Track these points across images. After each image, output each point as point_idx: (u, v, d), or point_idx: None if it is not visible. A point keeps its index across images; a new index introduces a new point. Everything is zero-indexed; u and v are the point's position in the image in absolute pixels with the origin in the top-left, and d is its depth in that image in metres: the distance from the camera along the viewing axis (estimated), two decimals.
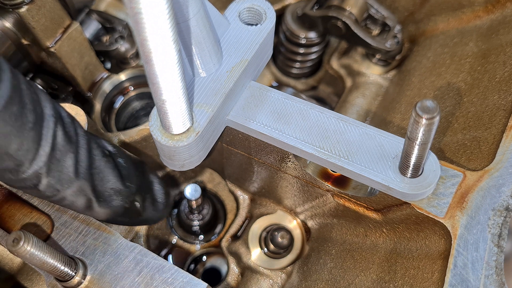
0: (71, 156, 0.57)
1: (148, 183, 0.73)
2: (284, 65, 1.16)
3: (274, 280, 0.90)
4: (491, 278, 0.58)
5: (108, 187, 0.64)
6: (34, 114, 0.53)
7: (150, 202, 0.72)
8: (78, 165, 0.59)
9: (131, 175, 0.68)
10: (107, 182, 0.63)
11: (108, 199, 0.64)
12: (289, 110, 0.70)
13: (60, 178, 0.57)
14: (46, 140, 0.54)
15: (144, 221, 0.74)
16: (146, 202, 0.71)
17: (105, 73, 1.06)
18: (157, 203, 0.74)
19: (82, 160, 0.59)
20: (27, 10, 0.85)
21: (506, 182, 0.64)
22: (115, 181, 0.64)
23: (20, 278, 0.73)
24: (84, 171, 0.59)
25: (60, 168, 0.57)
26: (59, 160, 0.56)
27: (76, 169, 0.58)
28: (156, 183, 0.75)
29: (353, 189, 0.77)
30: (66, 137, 0.57)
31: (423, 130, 0.54)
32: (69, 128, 0.58)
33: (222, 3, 1.02)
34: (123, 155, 0.69)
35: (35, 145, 0.54)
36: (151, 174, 0.74)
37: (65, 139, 0.57)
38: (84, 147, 0.59)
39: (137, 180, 0.69)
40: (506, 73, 0.78)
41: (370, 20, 1.04)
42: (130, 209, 0.68)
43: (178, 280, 0.63)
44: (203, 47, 0.65)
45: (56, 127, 0.56)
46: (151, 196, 0.73)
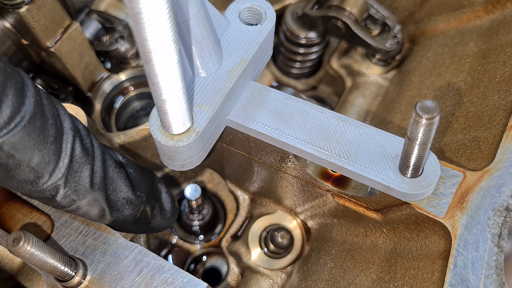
0: (88, 167, 0.59)
1: (156, 192, 0.75)
2: (284, 65, 1.16)
3: (274, 280, 0.90)
4: (491, 278, 0.58)
5: (121, 196, 0.65)
6: (55, 128, 0.55)
7: (158, 210, 0.74)
8: (94, 176, 0.60)
9: (141, 185, 0.70)
10: (119, 192, 0.65)
11: (120, 208, 0.66)
12: (289, 110, 0.70)
13: (77, 189, 0.59)
14: (65, 153, 0.56)
15: (152, 229, 0.75)
16: (155, 210, 0.73)
17: (105, 73, 1.06)
18: (165, 212, 0.76)
19: (97, 171, 0.61)
20: (27, 10, 0.85)
21: (506, 182, 0.64)
22: (126, 191, 0.66)
23: (20, 278, 0.73)
24: (99, 181, 0.61)
25: (77, 179, 0.58)
26: (76, 171, 0.58)
27: (91, 180, 0.60)
28: (164, 192, 0.76)
29: (353, 189, 0.77)
30: (83, 149, 0.59)
31: (423, 130, 0.54)
32: (86, 140, 0.60)
33: (222, 3, 1.02)
34: (133, 165, 0.71)
35: (55, 157, 0.55)
36: (159, 183, 0.76)
37: (83, 151, 0.59)
38: (99, 159, 0.61)
39: (147, 189, 0.71)
40: (506, 73, 0.78)
41: (370, 20, 1.04)
42: (140, 218, 0.70)
43: (178, 280, 0.63)
44: (203, 47, 0.65)
45: (74, 140, 0.57)
46: (159, 204, 0.74)
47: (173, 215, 0.78)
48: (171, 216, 0.78)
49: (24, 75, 0.54)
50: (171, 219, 0.78)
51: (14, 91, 0.51)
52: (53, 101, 0.57)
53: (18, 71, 0.53)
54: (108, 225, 0.67)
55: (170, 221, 0.79)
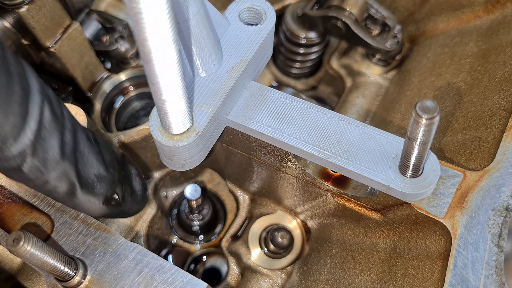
0: (57, 136, 0.54)
1: (128, 174, 0.71)
2: (284, 65, 1.16)
3: (274, 280, 0.90)
4: (491, 278, 0.58)
5: (92, 172, 0.61)
6: (21, 87, 0.50)
7: (129, 193, 0.70)
8: (64, 146, 0.55)
9: (113, 163, 0.66)
10: (91, 167, 0.60)
11: (91, 186, 0.62)
12: (289, 110, 0.70)
13: (45, 159, 0.54)
14: (32, 116, 0.51)
15: (122, 213, 0.71)
16: (125, 193, 0.69)
17: (105, 73, 1.06)
18: (136, 195, 0.72)
19: (68, 142, 0.56)
20: (27, 10, 0.85)
21: (506, 182, 0.64)
22: (98, 167, 0.62)
23: (20, 278, 0.74)
24: (69, 153, 0.56)
25: (45, 148, 0.53)
26: (45, 139, 0.53)
27: (61, 150, 0.55)
28: (135, 175, 0.73)
29: (353, 189, 0.77)
30: (53, 115, 0.54)
31: (423, 130, 0.54)
32: (56, 106, 0.55)
33: (222, 3, 1.02)
34: (105, 143, 0.67)
35: (21, 120, 0.50)
36: (130, 165, 0.72)
37: (52, 118, 0.53)
38: (69, 129, 0.56)
39: (119, 169, 0.67)
40: (506, 73, 0.78)
41: (370, 20, 1.04)
42: (110, 199, 0.66)
43: (178, 280, 0.63)
44: (203, 47, 0.65)
45: (43, 104, 0.52)
46: (130, 187, 0.70)
47: (144, 200, 0.75)
48: (142, 200, 0.74)
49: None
50: (141, 203, 0.74)
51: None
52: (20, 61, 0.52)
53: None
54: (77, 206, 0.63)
55: (141, 206, 0.75)
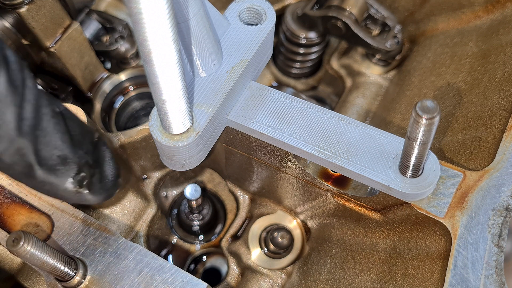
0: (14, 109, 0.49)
1: (99, 156, 0.64)
2: (284, 65, 1.16)
3: (274, 280, 0.90)
4: (491, 278, 0.58)
5: (55, 153, 0.55)
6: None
7: (98, 178, 0.63)
8: (22, 122, 0.50)
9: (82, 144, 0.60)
10: (53, 147, 0.55)
11: (52, 167, 0.56)
12: (289, 110, 0.70)
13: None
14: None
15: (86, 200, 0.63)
16: (94, 177, 0.62)
17: (105, 73, 1.06)
18: (105, 181, 0.65)
19: (27, 117, 0.51)
20: (27, 10, 0.85)
21: (506, 182, 0.64)
22: (63, 148, 0.56)
23: (20, 278, 0.74)
24: (27, 130, 0.51)
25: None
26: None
27: (18, 126, 0.50)
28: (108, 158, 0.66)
29: (353, 189, 0.77)
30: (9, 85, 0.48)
31: (423, 130, 0.54)
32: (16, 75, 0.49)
33: (222, 3, 1.02)
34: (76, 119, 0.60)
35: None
36: (104, 147, 0.65)
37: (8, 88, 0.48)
38: (31, 102, 0.51)
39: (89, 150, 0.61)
40: (506, 73, 0.78)
41: (370, 20, 1.04)
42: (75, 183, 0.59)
43: (178, 280, 0.63)
44: (203, 47, 0.65)
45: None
46: (100, 171, 0.64)
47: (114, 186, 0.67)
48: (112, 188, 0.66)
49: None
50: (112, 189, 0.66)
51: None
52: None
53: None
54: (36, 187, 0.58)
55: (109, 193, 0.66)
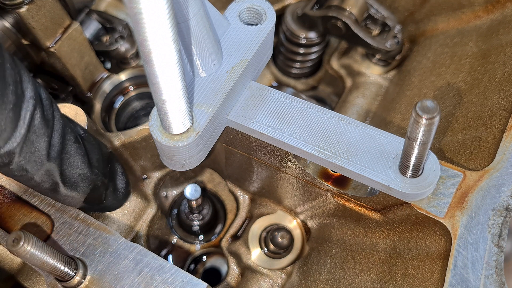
0: (46, 139, 0.57)
1: (112, 171, 0.74)
2: (284, 65, 1.16)
3: (274, 280, 0.90)
4: (491, 278, 0.58)
5: (76, 173, 0.64)
6: (15, 95, 0.52)
7: (111, 190, 0.73)
8: (51, 149, 0.58)
9: (99, 162, 0.68)
10: (75, 168, 0.63)
11: (74, 184, 0.64)
12: (289, 110, 0.70)
13: (31, 160, 0.57)
14: (23, 122, 0.54)
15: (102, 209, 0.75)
16: (108, 190, 0.72)
17: (105, 73, 1.06)
18: (118, 192, 0.75)
19: (55, 144, 0.59)
20: (27, 10, 0.85)
21: (506, 182, 0.64)
22: (83, 167, 0.64)
23: (20, 278, 0.73)
24: (55, 155, 0.59)
25: (33, 150, 0.56)
26: (33, 142, 0.56)
27: (48, 153, 0.58)
28: (119, 173, 0.75)
29: (353, 189, 0.77)
30: (43, 120, 0.56)
31: (423, 130, 0.54)
32: (48, 111, 0.57)
33: (222, 3, 1.02)
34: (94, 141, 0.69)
35: (12, 125, 0.53)
36: (116, 163, 0.75)
37: (42, 122, 0.56)
38: (58, 132, 0.59)
39: (104, 167, 0.70)
40: (506, 73, 0.78)
41: (370, 20, 1.04)
42: (93, 196, 0.68)
43: (178, 280, 0.63)
44: (203, 47, 0.65)
45: (35, 110, 0.55)
46: (113, 184, 0.73)
47: (125, 197, 0.78)
48: (123, 198, 0.77)
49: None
50: (122, 200, 0.78)
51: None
52: (17, 65, 0.54)
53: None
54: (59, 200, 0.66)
55: (121, 203, 0.79)
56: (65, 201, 0.67)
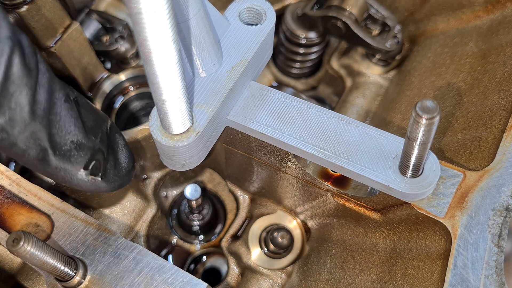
0: (28, 92, 0.49)
1: (113, 142, 0.64)
2: (284, 65, 1.16)
3: (274, 280, 0.90)
4: (491, 278, 0.58)
5: (69, 139, 0.55)
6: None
7: (112, 164, 0.63)
8: (35, 105, 0.50)
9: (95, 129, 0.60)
10: (67, 133, 0.55)
11: (67, 153, 0.56)
12: (289, 110, 0.70)
13: (12, 118, 0.48)
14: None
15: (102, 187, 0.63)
16: (108, 163, 0.62)
17: (105, 73, 1.06)
18: (120, 167, 0.65)
19: (40, 101, 0.50)
20: (27, 10, 0.85)
21: (506, 182, 0.64)
22: (76, 133, 0.56)
23: (20, 278, 0.74)
24: (41, 113, 0.51)
25: (12, 105, 0.48)
26: (12, 94, 0.47)
27: (32, 110, 0.49)
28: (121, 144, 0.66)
29: (353, 189, 0.77)
30: (24, 68, 0.48)
31: (423, 130, 0.54)
32: (29, 59, 0.49)
33: (222, 3, 1.02)
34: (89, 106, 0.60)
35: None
36: (117, 134, 0.66)
37: (23, 71, 0.48)
38: (44, 86, 0.51)
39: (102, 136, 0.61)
40: (506, 73, 0.78)
41: (370, 20, 1.04)
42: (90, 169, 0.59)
43: (178, 280, 0.63)
44: (203, 47, 0.65)
45: (12, 54, 0.47)
46: (114, 158, 0.64)
47: (129, 174, 0.67)
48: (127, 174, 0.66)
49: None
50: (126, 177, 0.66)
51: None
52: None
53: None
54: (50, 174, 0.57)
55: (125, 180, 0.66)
56: (57, 175, 0.58)
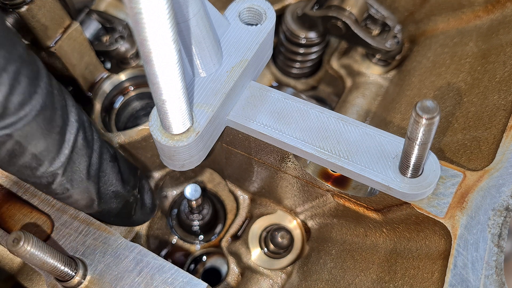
0: (86, 159, 0.61)
1: (141, 188, 0.77)
2: (284, 65, 1.16)
3: (274, 280, 0.90)
4: (491, 278, 0.58)
5: (111, 190, 0.67)
6: (61, 119, 0.56)
7: (140, 206, 0.76)
8: (90, 168, 0.62)
9: (130, 180, 0.72)
10: (110, 185, 0.67)
11: (108, 200, 0.67)
12: (289, 110, 0.70)
13: (73, 179, 0.61)
14: (68, 144, 0.58)
15: (132, 223, 0.79)
16: (137, 205, 0.75)
17: (105, 73, 1.06)
18: (145, 207, 0.79)
19: (94, 163, 0.63)
20: (27, 10, 0.85)
21: (506, 182, 0.64)
22: (117, 185, 0.68)
23: (20, 278, 0.74)
24: (94, 173, 0.63)
25: (74, 170, 0.60)
26: (75, 162, 0.60)
27: (88, 172, 0.62)
28: (146, 189, 0.79)
29: (353, 189, 0.77)
30: (85, 141, 0.60)
31: (423, 130, 0.54)
32: (88, 133, 0.61)
33: (222, 3, 1.02)
34: (124, 160, 0.72)
35: (57, 147, 0.57)
36: (144, 180, 0.79)
37: (84, 144, 0.60)
38: (96, 151, 0.63)
39: (134, 185, 0.74)
40: (506, 73, 0.78)
41: (370, 20, 1.04)
42: (123, 211, 0.72)
43: (178, 280, 0.63)
44: (203, 47, 0.65)
45: (78, 132, 0.59)
46: (141, 200, 0.77)
47: (152, 212, 0.83)
48: (150, 213, 0.82)
49: (40, 64, 0.54)
50: (149, 215, 0.82)
51: (27, 80, 0.51)
52: (63, 91, 0.58)
53: (35, 59, 0.54)
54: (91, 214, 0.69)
55: (149, 217, 0.83)
56: (97, 216, 0.69)
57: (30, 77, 0.52)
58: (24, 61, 0.51)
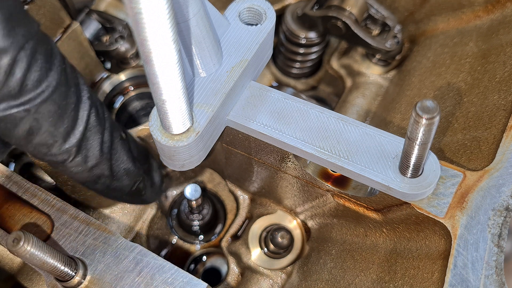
0: (99, 136, 0.63)
1: (149, 166, 0.79)
2: (284, 65, 1.16)
3: (274, 280, 0.90)
4: (491, 278, 0.58)
5: (122, 167, 0.69)
6: (75, 96, 0.58)
7: (149, 184, 0.78)
8: (103, 145, 0.64)
9: (140, 158, 0.74)
10: (121, 162, 0.68)
11: (120, 178, 0.69)
12: (289, 110, 0.70)
13: (87, 155, 0.62)
14: (81, 121, 0.59)
15: (142, 201, 0.81)
16: (147, 183, 0.77)
17: (105, 73, 1.06)
18: (155, 186, 0.80)
19: (106, 141, 0.64)
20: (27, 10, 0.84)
21: (506, 182, 0.64)
22: (128, 162, 0.69)
23: (20, 278, 0.74)
24: (106, 150, 0.65)
25: (88, 147, 0.62)
26: (88, 139, 0.61)
27: (101, 149, 0.63)
28: (156, 168, 0.80)
29: (353, 189, 0.77)
30: (97, 119, 0.62)
31: (423, 130, 0.54)
32: (100, 111, 0.63)
33: (222, 3, 1.02)
34: (133, 140, 0.75)
35: (73, 124, 0.58)
36: (152, 159, 0.80)
37: (96, 121, 0.62)
38: (108, 129, 0.64)
39: (144, 163, 0.75)
40: (506, 73, 0.78)
41: (370, 20, 1.04)
42: (135, 189, 0.74)
43: (178, 280, 0.63)
44: (203, 47, 0.65)
45: (91, 109, 0.60)
46: (150, 178, 0.79)
47: (161, 190, 0.85)
48: (159, 191, 0.84)
49: (52, 42, 0.56)
50: (159, 193, 0.85)
51: (43, 57, 0.53)
52: (75, 70, 0.59)
53: (48, 37, 0.55)
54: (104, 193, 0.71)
55: (158, 195, 0.86)
56: (111, 195, 0.72)
57: (46, 54, 0.53)
58: (39, 38, 0.52)
